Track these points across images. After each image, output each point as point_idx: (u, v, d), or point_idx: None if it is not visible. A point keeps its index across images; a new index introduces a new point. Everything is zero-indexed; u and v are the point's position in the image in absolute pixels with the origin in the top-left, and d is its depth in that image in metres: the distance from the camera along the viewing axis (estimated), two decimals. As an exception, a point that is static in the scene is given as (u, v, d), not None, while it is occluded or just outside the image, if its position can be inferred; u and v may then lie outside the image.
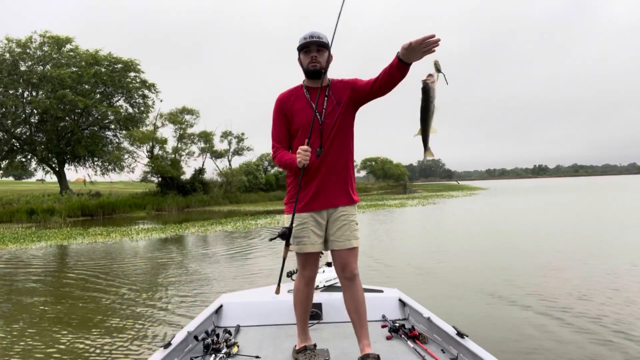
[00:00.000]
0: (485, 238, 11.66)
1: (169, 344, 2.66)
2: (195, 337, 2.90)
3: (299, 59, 2.69)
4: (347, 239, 2.64)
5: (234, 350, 2.83)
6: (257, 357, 2.76)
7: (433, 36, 2.20)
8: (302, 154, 2.52)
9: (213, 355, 2.73)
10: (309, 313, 2.86)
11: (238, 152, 45.31)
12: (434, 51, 2.22)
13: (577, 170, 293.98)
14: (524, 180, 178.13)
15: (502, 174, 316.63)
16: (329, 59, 2.67)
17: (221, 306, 3.55)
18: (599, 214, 18.21)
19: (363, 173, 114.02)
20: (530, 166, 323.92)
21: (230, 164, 44.79)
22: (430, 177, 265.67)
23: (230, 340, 2.94)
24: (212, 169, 42.91)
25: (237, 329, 3.30)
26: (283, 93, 2.75)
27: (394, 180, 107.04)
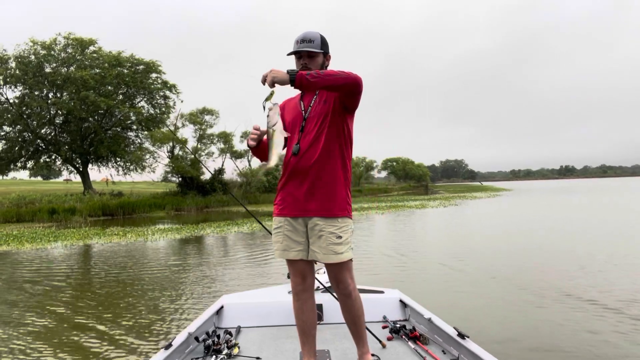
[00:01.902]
0: (508, 241, 11.15)
1: (170, 345, 2.65)
2: (196, 338, 2.89)
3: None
4: (324, 253, 2.41)
5: (235, 351, 2.82)
6: (257, 358, 2.75)
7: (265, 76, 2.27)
8: (251, 133, 2.42)
9: (214, 356, 2.74)
10: (309, 332, 2.56)
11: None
12: (271, 86, 2.29)
13: (605, 171, 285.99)
14: (550, 181, 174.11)
15: (527, 174, 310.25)
16: (325, 60, 2.54)
17: (222, 307, 3.53)
18: (627, 215, 17.38)
19: (384, 173, 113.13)
20: (556, 167, 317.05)
21: (250, 164, 44.79)
22: (452, 177, 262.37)
23: (231, 341, 2.92)
24: (232, 169, 42.86)
25: (238, 330, 3.28)
26: (285, 100, 2.72)
27: (415, 180, 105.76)
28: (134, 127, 39.52)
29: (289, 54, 2.49)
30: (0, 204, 25.23)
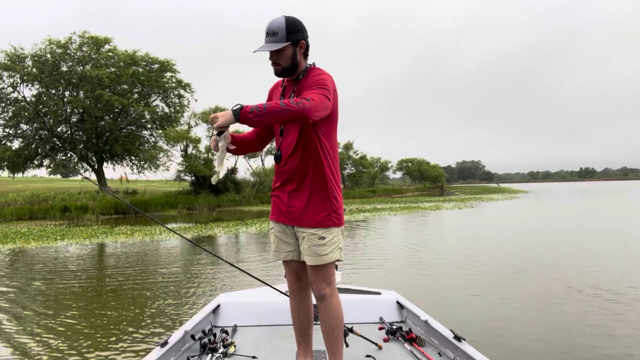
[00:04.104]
0: (521, 244, 10.65)
1: (166, 342, 2.63)
2: (192, 337, 2.87)
3: None
4: (307, 255, 2.34)
5: (231, 350, 2.82)
6: (253, 357, 2.73)
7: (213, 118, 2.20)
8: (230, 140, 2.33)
9: (210, 354, 2.72)
10: (305, 331, 2.57)
11: (271, 151, 45.11)
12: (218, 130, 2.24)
13: (626, 174, 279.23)
14: (569, 183, 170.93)
15: (546, 176, 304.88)
16: (299, 49, 2.30)
17: (219, 306, 3.53)
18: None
19: (399, 174, 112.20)
20: (576, 169, 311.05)
21: (263, 164, 44.67)
22: (469, 179, 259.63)
23: (227, 340, 2.91)
24: (245, 169, 42.84)
25: (235, 328, 3.29)
26: (275, 83, 2.55)
27: (430, 181, 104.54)
28: (149, 125, 39.71)
29: (254, 52, 2.27)
30: (14, 202, 25.45)
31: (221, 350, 2.78)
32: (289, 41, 2.23)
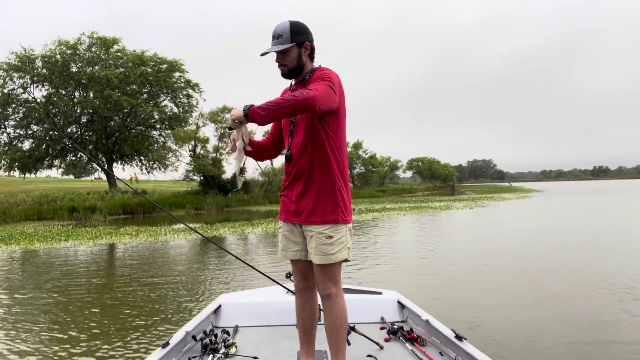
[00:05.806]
0: (536, 248, 10.29)
1: (167, 343, 2.65)
2: (194, 337, 2.88)
3: None
4: (314, 254, 2.37)
5: (232, 350, 2.83)
6: (255, 357, 2.75)
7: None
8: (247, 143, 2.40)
9: (211, 355, 2.74)
10: (309, 331, 2.57)
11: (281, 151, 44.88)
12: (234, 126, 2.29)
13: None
14: (582, 182, 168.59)
15: (559, 175, 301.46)
16: (304, 50, 2.37)
17: (220, 306, 3.53)
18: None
19: (409, 173, 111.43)
20: (589, 167, 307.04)
21: (272, 163, 44.46)
22: (480, 178, 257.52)
23: (228, 340, 2.92)
24: (254, 169, 42.67)
25: (236, 329, 3.29)
26: (285, 88, 2.61)
27: (441, 181, 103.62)
28: (157, 126, 39.73)
29: (261, 55, 2.36)
30: (22, 202, 25.52)
31: (222, 350, 2.79)
32: (293, 42, 2.31)
